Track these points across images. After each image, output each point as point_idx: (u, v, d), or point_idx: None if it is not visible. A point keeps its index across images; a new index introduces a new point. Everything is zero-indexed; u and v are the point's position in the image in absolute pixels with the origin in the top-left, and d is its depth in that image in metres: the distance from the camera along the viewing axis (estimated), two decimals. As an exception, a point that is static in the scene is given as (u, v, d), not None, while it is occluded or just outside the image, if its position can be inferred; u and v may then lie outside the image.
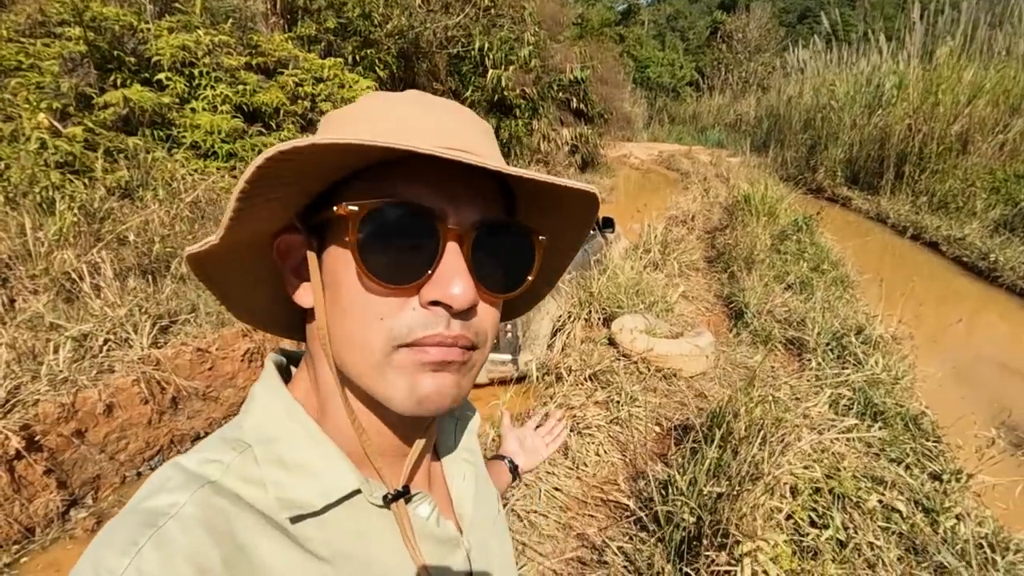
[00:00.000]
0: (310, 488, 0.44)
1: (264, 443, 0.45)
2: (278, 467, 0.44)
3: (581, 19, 23.76)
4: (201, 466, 0.43)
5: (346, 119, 0.45)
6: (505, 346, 4.05)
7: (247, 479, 0.43)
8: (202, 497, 0.40)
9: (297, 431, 0.46)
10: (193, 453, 0.44)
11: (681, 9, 55.27)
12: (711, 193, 10.54)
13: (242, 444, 0.45)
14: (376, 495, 0.47)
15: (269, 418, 0.47)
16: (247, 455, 0.44)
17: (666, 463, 2.62)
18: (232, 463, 0.43)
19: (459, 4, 10.89)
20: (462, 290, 0.41)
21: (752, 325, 4.52)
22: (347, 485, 0.45)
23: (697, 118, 30.84)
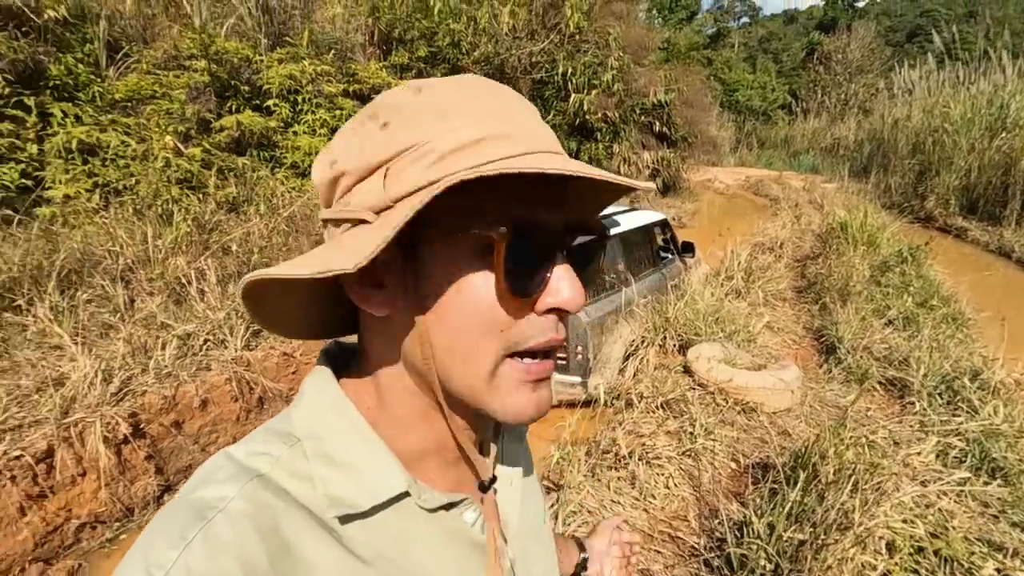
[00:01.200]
0: (357, 487, 0.43)
1: (313, 438, 0.44)
2: (326, 463, 0.43)
3: (668, 43, 23.55)
4: (250, 458, 0.42)
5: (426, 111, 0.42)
6: (575, 368, 3.99)
7: (295, 474, 0.42)
8: (251, 491, 0.40)
9: (345, 428, 0.45)
10: (243, 444, 0.44)
11: (775, 31, 53.40)
12: (803, 220, 9.95)
13: (292, 438, 0.44)
14: (425, 499, 0.46)
15: (318, 413, 0.46)
16: (296, 449, 0.44)
17: (742, 503, 2.45)
18: (281, 456, 0.43)
19: (544, 31, 11.15)
20: (576, 293, 0.43)
21: (846, 361, 4.17)
22: (395, 487, 0.45)
23: (789, 142, 29.41)
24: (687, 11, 35.51)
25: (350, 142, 0.43)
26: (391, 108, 0.42)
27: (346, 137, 0.44)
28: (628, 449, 2.77)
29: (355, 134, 0.43)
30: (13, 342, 3.48)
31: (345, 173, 0.42)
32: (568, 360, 3.98)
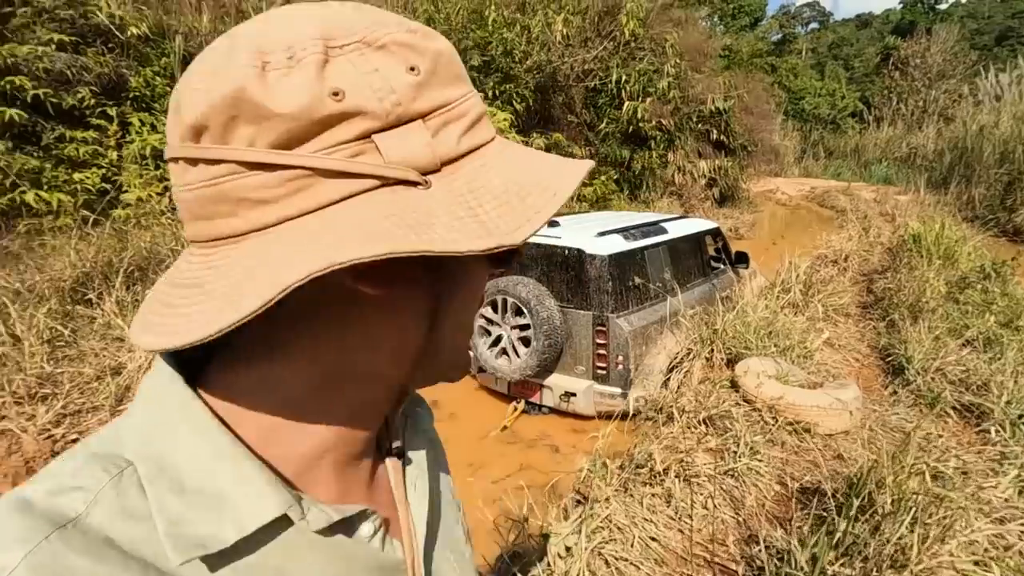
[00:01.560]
0: (217, 518, 0.33)
1: (151, 459, 0.34)
2: (173, 492, 0.33)
3: (729, 50, 22.93)
4: (54, 499, 0.31)
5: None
6: (615, 378, 3.86)
7: (124, 512, 0.32)
8: (47, 555, 0.28)
9: (200, 444, 0.34)
10: (44, 477, 0.33)
11: (846, 36, 51.03)
12: (872, 232, 9.34)
13: (120, 461, 0.33)
14: (312, 518, 0.37)
15: (160, 423, 0.35)
16: (126, 477, 0.33)
17: (786, 530, 2.26)
18: (103, 491, 0.32)
19: (599, 39, 11.07)
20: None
21: (914, 383, 3.83)
22: (268, 511, 0.34)
23: (860, 152, 27.85)
24: (750, 17, 34.52)
25: (364, 76, 0.32)
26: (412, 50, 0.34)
27: (354, 67, 0.32)
28: (664, 465, 2.63)
29: (368, 66, 0.32)
30: (82, 333, 3.72)
31: (362, 114, 0.31)
32: (608, 370, 3.86)
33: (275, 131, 0.30)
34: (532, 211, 0.34)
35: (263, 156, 0.30)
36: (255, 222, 0.31)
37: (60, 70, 5.43)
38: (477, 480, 2.93)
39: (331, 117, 0.31)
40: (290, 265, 0.28)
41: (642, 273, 4.04)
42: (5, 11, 5.43)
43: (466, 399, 4.60)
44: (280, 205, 0.31)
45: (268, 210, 0.31)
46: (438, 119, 0.34)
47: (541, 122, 10.57)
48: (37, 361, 3.18)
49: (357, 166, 0.31)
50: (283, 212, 0.31)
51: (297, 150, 0.30)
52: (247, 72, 0.30)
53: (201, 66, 0.32)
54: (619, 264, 3.86)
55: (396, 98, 0.32)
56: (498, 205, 0.34)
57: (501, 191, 0.35)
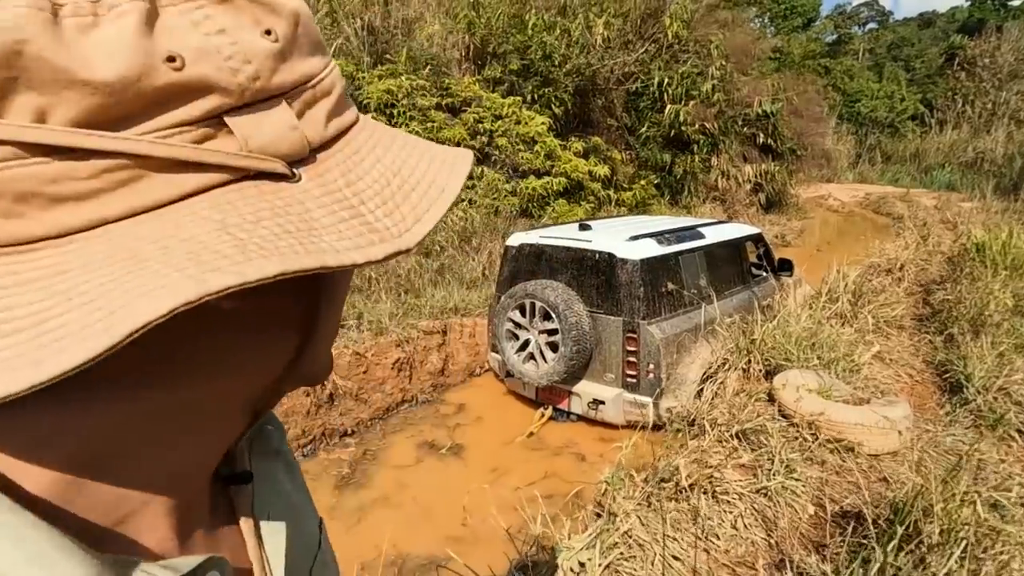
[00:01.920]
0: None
1: None
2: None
3: (779, 52, 22.20)
4: None
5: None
6: (645, 387, 3.74)
7: None
8: None
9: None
10: None
11: (907, 36, 48.66)
12: (931, 240, 8.79)
13: None
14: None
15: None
16: None
17: (822, 556, 2.10)
18: None
19: (641, 41, 10.89)
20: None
21: (974, 402, 3.54)
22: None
23: (920, 156, 26.45)
24: (803, 18, 33.36)
25: (208, 39, 0.25)
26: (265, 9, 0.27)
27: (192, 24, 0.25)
28: (691, 480, 2.49)
29: (212, 25, 0.25)
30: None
31: (210, 88, 0.24)
32: (638, 378, 3.74)
33: (83, 104, 0.22)
34: (421, 209, 0.29)
35: (64, 138, 0.22)
36: (53, 226, 0.23)
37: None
38: (494, 487, 2.87)
39: (166, 90, 0.23)
40: (134, 294, 0.20)
41: (676, 279, 3.90)
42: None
43: (493, 404, 4.55)
44: (93, 204, 0.23)
45: (74, 210, 0.23)
46: (303, 96, 0.28)
47: (580, 126, 10.46)
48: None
49: (206, 155, 0.24)
50: (98, 213, 0.23)
51: (121, 132, 0.23)
52: (28, 17, 0.21)
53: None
54: (651, 269, 3.74)
55: (253, 69, 0.25)
56: (382, 203, 0.28)
57: (383, 186, 0.29)
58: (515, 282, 4.21)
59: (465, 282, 6.20)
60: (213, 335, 0.29)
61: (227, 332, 0.29)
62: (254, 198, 0.25)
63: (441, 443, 3.89)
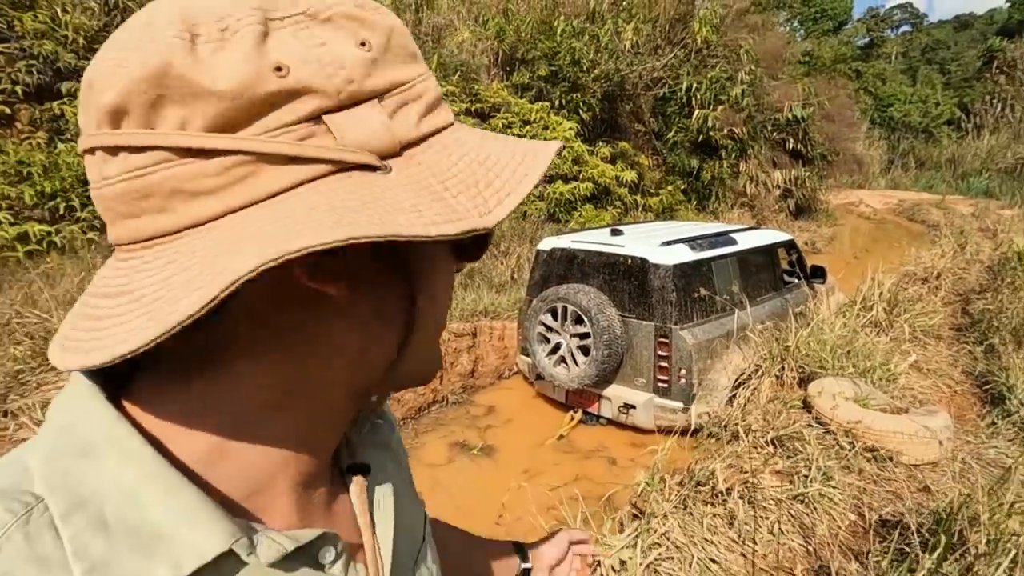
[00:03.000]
0: (150, 560, 0.29)
1: (70, 492, 0.29)
2: (94, 531, 0.28)
3: (809, 56, 21.87)
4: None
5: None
6: (677, 392, 3.74)
7: (38, 560, 0.27)
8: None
9: (129, 471, 0.30)
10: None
11: (942, 39, 47.44)
12: (968, 249, 8.58)
13: (26, 497, 0.28)
14: (262, 551, 0.32)
15: (81, 450, 0.30)
16: (36, 517, 0.28)
17: (862, 563, 2.09)
18: (6, 535, 0.27)
19: (669, 46, 10.87)
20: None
21: (1017, 414, 3.46)
22: (211, 546, 0.30)
23: (956, 162, 25.75)
24: (834, 21, 32.79)
25: (310, 50, 0.29)
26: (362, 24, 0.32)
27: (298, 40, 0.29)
28: (727, 484, 2.50)
29: (314, 40, 0.30)
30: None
31: (310, 91, 0.29)
32: (670, 383, 3.75)
33: (210, 112, 0.27)
34: (503, 193, 0.32)
35: (198, 141, 0.27)
36: (192, 217, 0.28)
37: None
38: (532, 486, 2.91)
39: (275, 95, 0.28)
40: (235, 259, 0.25)
41: (708, 285, 3.90)
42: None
43: (523, 406, 4.60)
44: (220, 196, 0.27)
45: (206, 203, 0.27)
46: (394, 99, 0.32)
47: (607, 131, 10.48)
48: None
49: (308, 150, 0.28)
50: (224, 204, 0.28)
51: (239, 133, 0.27)
52: (173, 45, 0.26)
53: (119, 40, 0.28)
54: (684, 274, 3.75)
55: (347, 74, 0.30)
56: (465, 189, 0.31)
57: (468, 175, 0.32)
58: (546, 286, 4.25)
59: (494, 285, 6.27)
60: (322, 320, 0.34)
61: (337, 320, 0.34)
62: (348, 186, 0.29)
63: (472, 443, 3.94)
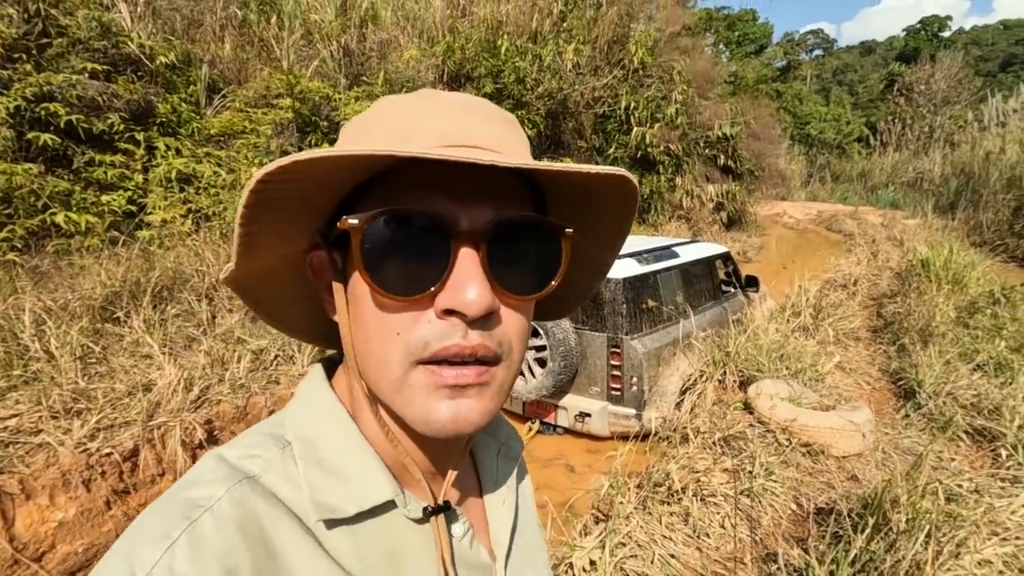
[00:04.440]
0: (344, 493, 0.42)
1: (304, 442, 0.44)
2: (315, 468, 0.43)
3: (735, 77, 23.29)
4: (242, 460, 0.42)
5: (359, 128, 0.45)
6: (630, 399, 3.93)
7: (286, 477, 0.42)
8: (239, 494, 0.39)
9: (335, 434, 0.45)
10: (235, 445, 0.44)
11: (850, 62, 51.66)
12: (880, 256, 9.41)
13: (283, 441, 0.44)
14: (411, 508, 0.45)
15: (310, 417, 0.46)
16: (287, 452, 0.43)
17: (804, 548, 2.31)
18: (272, 459, 0.42)
19: (608, 67, 11.34)
20: (476, 296, 0.38)
21: (926, 407, 3.87)
22: (381, 495, 0.44)
23: (867, 176, 28.01)
24: (755, 44, 35.09)
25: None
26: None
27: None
28: (682, 484, 2.68)
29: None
30: (112, 350, 3.84)
31: None
32: (622, 391, 3.93)
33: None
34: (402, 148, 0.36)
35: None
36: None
37: (92, 97, 5.66)
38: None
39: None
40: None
41: (655, 296, 4.13)
42: (42, 42, 5.69)
43: (481, 419, 4.66)
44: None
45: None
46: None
47: (552, 147, 10.78)
48: (71, 377, 3.29)
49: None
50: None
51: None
52: None
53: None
54: (633, 287, 3.96)
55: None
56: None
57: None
58: (502, 300, 4.36)
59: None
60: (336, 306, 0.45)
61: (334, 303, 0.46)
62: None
63: (433, 459, 3.97)
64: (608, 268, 0.55)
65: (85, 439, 2.91)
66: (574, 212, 0.46)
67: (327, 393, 0.47)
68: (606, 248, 0.52)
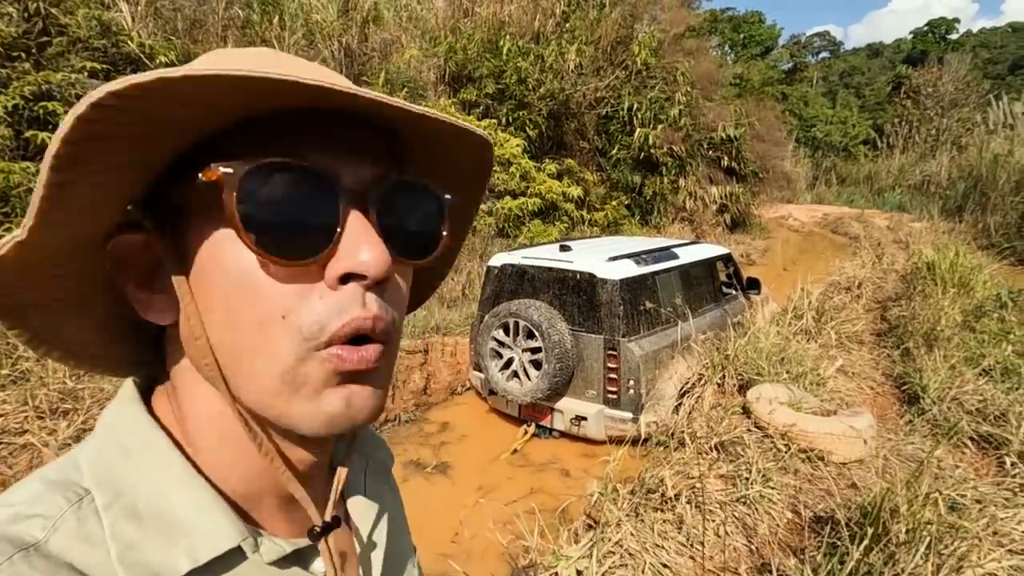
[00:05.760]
0: (171, 547, 0.33)
1: (110, 487, 0.34)
2: (127, 519, 0.33)
3: (740, 79, 23.20)
4: (13, 524, 0.31)
5: (208, 60, 0.37)
6: (626, 403, 3.86)
7: (83, 537, 0.32)
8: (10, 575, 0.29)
9: (158, 471, 0.35)
10: (3, 504, 0.32)
11: (857, 65, 51.44)
12: (885, 259, 9.29)
13: (78, 489, 0.33)
14: (265, 551, 0.37)
15: (121, 452, 0.35)
16: (85, 505, 0.33)
17: (800, 559, 2.23)
18: (62, 517, 0.32)
19: (611, 67, 11.28)
20: (375, 254, 0.33)
21: (930, 412, 3.78)
22: (223, 542, 0.35)
23: (873, 179, 27.82)
24: (761, 46, 34.97)
25: None
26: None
27: None
28: (675, 490, 2.62)
29: None
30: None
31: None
32: (619, 395, 3.86)
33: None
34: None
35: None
36: None
37: (92, 96, 5.66)
38: (488, 502, 2.92)
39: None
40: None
41: (653, 298, 4.07)
42: (41, 40, 5.69)
43: (477, 421, 4.61)
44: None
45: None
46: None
47: (554, 148, 10.73)
48: (59, 376, 3.26)
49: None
50: None
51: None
52: None
53: None
54: (630, 289, 3.90)
55: None
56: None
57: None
58: (498, 302, 4.31)
59: (445, 301, 6.27)
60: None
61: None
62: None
63: (427, 461, 3.92)
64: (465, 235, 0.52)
65: (70, 440, 2.87)
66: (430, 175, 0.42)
67: (142, 418, 0.37)
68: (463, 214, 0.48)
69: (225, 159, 0.32)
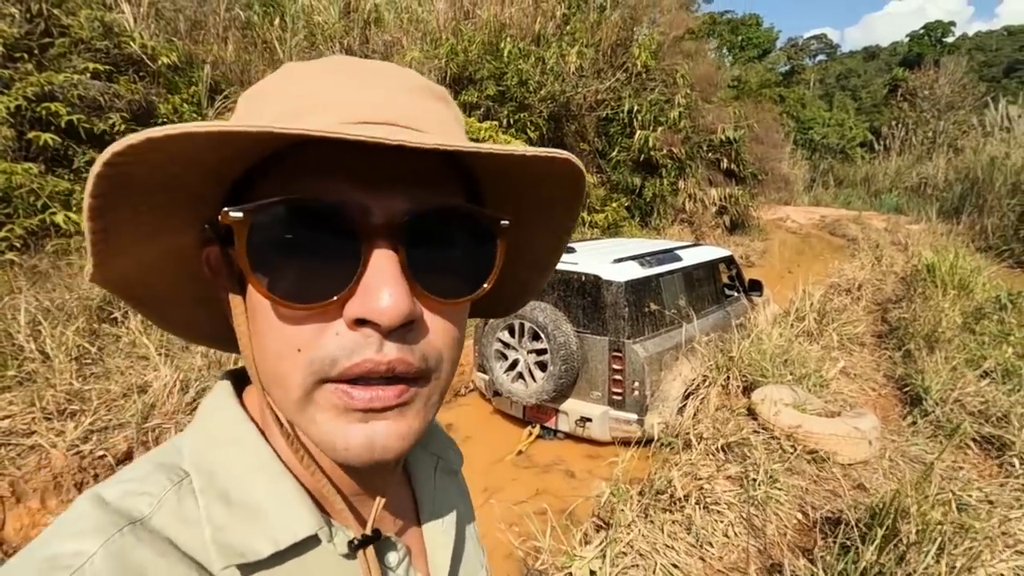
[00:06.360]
0: (256, 531, 0.36)
1: (206, 472, 0.37)
2: (220, 503, 0.36)
3: (738, 81, 23.28)
4: (125, 500, 0.34)
5: (253, 100, 0.38)
6: (631, 404, 3.87)
7: (182, 517, 0.35)
8: (118, 547, 0.31)
9: (244, 460, 0.38)
10: (117, 481, 0.36)
11: (854, 67, 51.67)
12: (884, 261, 9.34)
13: (179, 472, 0.37)
14: (338, 541, 0.39)
15: (215, 441, 0.39)
16: (185, 486, 0.36)
17: (810, 559, 2.25)
18: (165, 496, 0.35)
19: (611, 70, 11.31)
20: (391, 302, 0.32)
21: (933, 414, 3.81)
22: (302, 529, 0.37)
23: (870, 181, 27.96)
24: (759, 49, 35.10)
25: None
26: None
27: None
28: (684, 491, 2.63)
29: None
30: (108, 351, 3.80)
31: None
32: (624, 396, 3.88)
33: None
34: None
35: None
36: None
37: (93, 97, 5.65)
38: (495, 502, 2.93)
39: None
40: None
41: (657, 300, 4.08)
42: (44, 41, 5.68)
43: (481, 423, 4.61)
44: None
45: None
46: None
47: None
48: (66, 378, 3.25)
49: None
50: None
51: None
52: None
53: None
54: (635, 290, 3.91)
55: None
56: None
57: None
58: (503, 303, 4.31)
59: (447, 303, 6.27)
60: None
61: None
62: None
63: (432, 463, 3.92)
64: (554, 264, 0.49)
65: (78, 441, 2.87)
66: (514, 202, 0.41)
67: (235, 411, 0.40)
68: (552, 241, 0.46)
69: (262, 189, 0.33)
